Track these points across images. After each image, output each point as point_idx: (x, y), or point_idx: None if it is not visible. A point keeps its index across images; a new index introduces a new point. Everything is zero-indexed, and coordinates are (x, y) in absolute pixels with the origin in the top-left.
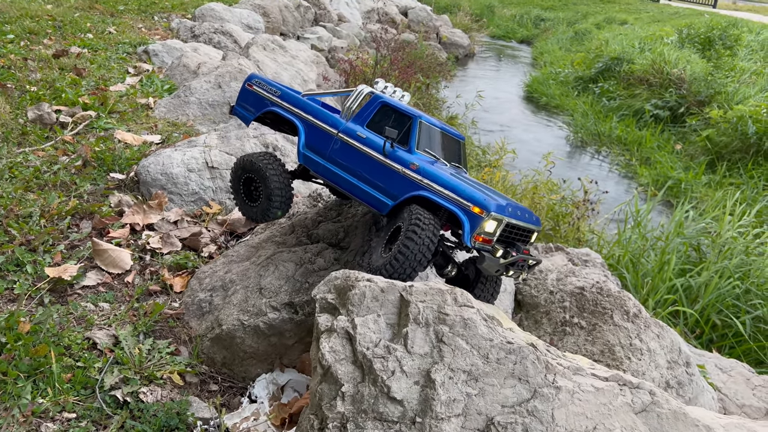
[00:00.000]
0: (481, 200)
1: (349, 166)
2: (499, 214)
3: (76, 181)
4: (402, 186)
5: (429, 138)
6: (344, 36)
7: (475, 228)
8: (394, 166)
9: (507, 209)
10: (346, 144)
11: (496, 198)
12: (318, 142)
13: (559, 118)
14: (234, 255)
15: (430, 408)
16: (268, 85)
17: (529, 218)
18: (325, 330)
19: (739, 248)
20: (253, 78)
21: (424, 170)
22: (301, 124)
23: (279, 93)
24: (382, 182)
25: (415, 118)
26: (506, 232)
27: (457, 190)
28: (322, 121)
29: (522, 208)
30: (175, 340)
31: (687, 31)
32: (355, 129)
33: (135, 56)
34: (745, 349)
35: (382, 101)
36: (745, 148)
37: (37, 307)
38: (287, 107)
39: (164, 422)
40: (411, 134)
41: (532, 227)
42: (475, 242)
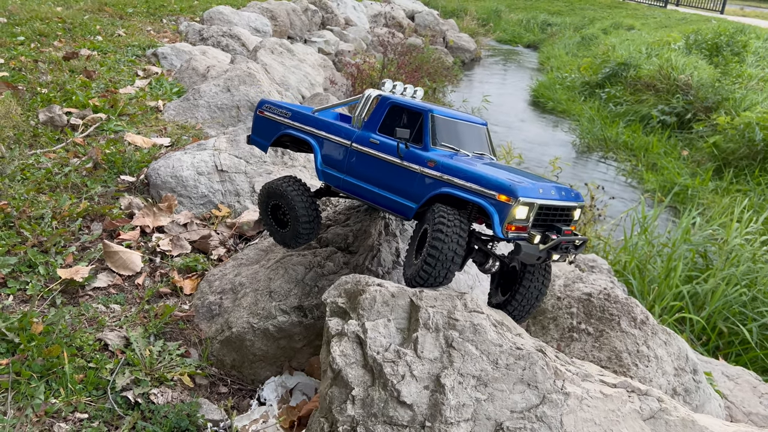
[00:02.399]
0: (506, 186)
1: (367, 175)
2: (528, 197)
3: (87, 183)
4: (423, 186)
5: (445, 131)
6: (351, 40)
7: (505, 217)
8: (412, 166)
9: (537, 190)
10: (361, 153)
11: (524, 180)
12: (334, 156)
13: (566, 123)
14: (243, 258)
15: (440, 413)
16: (278, 107)
17: (567, 195)
18: (335, 334)
19: (746, 255)
20: (263, 104)
21: (442, 165)
22: (315, 141)
23: (289, 114)
24: (403, 186)
25: (425, 112)
26: (542, 215)
27: (480, 179)
28: (334, 134)
29: (557, 186)
30: (185, 342)
31: (694, 37)
32: (367, 136)
33: (144, 59)
34: (751, 357)
35: (391, 102)
36: (752, 155)
37: (50, 308)
38: (299, 127)
39: (175, 423)
40: (424, 130)
41: (572, 204)
42: (508, 233)
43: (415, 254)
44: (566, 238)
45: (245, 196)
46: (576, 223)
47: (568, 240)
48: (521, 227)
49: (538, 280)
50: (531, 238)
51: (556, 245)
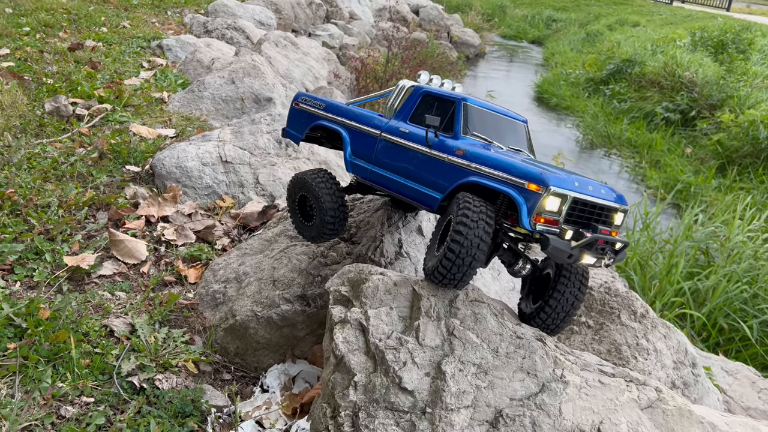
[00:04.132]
0: (536, 174)
1: (395, 165)
2: (561, 188)
3: (93, 173)
4: (449, 175)
5: (479, 121)
6: (355, 34)
7: (534, 207)
8: (439, 155)
9: (572, 183)
10: (390, 143)
11: (558, 172)
12: (363, 147)
13: (570, 120)
14: (247, 248)
15: (441, 399)
16: (313, 99)
17: (607, 195)
18: (338, 321)
19: (748, 252)
20: (299, 96)
21: (471, 153)
22: (346, 132)
23: (323, 105)
24: (429, 175)
25: (458, 101)
26: (577, 211)
27: (509, 167)
28: (365, 124)
29: (597, 183)
30: (190, 329)
31: (700, 34)
32: (397, 126)
33: (149, 51)
34: (751, 353)
35: (424, 91)
36: (756, 153)
37: (56, 295)
38: (332, 118)
39: (179, 408)
40: (455, 118)
41: (612, 204)
42: (536, 224)
43: (438, 246)
44: (603, 237)
45: (249, 187)
46: (618, 229)
47: (605, 240)
48: (552, 220)
49: (574, 286)
50: (562, 232)
51: (590, 243)
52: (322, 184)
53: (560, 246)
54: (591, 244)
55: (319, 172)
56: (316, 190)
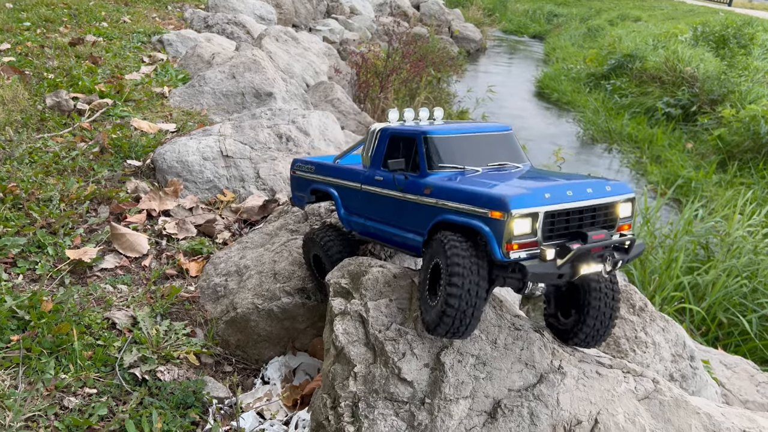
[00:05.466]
0: (496, 199)
1: (378, 215)
2: (525, 208)
3: (94, 167)
4: (424, 216)
5: (446, 150)
6: (356, 29)
7: (502, 236)
8: (411, 198)
9: (541, 196)
10: (370, 193)
11: (525, 187)
12: (352, 202)
13: (570, 115)
14: (248, 242)
15: (439, 390)
16: (305, 164)
17: (596, 192)
18: (338, 313)
19: (748, 247)
20: (295, 163)
21: (436, 189)
22: (335, 190)
23: (313, 168)
24: (408, 219)
25: (417, 136)
26: (559, 223)
27: (470, 196)
28: (348, 179)
29: (580, 184)
30: (191, 322)
31: (701, 29)
32: (372, 174)
33: (149, 45)
34: (750, 347)
35: (389, 132)
36: (757, 148)
37: (58, 288)
38: (322, 179)
39: (181, 399)
40: (419, 155)
41: (602, 201)
42: (509, 252)
43: (429, 295)
44: (596, 244)
45: (250, 182)
46: (628, 222)
47: (601, 245)
48: (528, 243)
49: (607, 295)
50: (542, 253)
51: (578, 255)
52: (330, 242)
53: (542, 270)
54: (582, 255)
55: (327, 230)
56: (324, 248)
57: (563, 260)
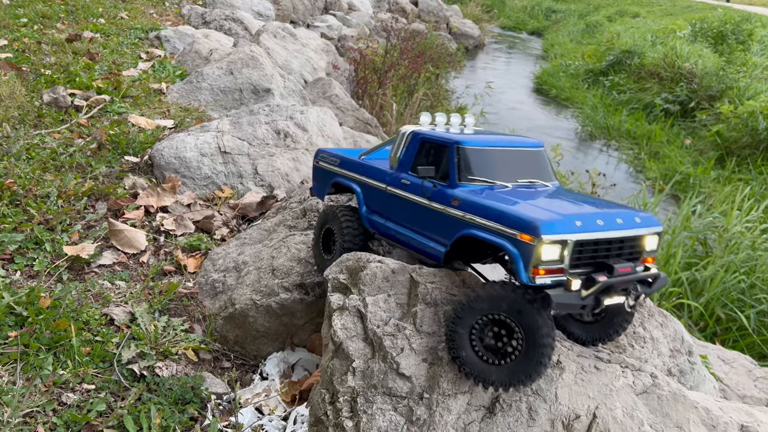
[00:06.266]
0: (526, 222)
1: (401, 218)
2: (556, 234)
3: (92, 164)
4: (449, 227)
5: (478, 162)
6: (354, 25)
7: (530, 260)
8: (437, 207)
9: (572, 223)
10: (394, 196)
11: (556, 213)
12: (374, 201)
13: (569, 111)
14: (246, 238)
15: (438, 385)
16: (330, 155)
17: (626, 222)
18: (337, 308)
19: (746, 243)
20: (319, 153)
21: (466, 203)
22: (359, 187)
23: (338, 161)
24: (432, 227)
25: (450, 145)
26: (587, 252)
27: (500, 216)
28: (374, 178)
29: (610, 213)
30: (189, 318)
31: (700, 25)
32: (399, 177)
33: (147, 42)
34: (748, 343)
35: (421, 137)
36: (755, 144)
37: (56, 284)
38: (345, 174)
39: (179, 395)
40: (450, 165)
41: (631, 233)
42: (535, 278)
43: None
44: (622, 278)
45: (248, 178)
46: (652, 255)
47: (626, 280)
48: (555, 270)
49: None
50: (568, 283)
51: (605, 289)
52: (347, 221)
53: (566, 300)
54: (610, 287)
55: (347, 210)
56: (340, 224)
57: (588, 292)
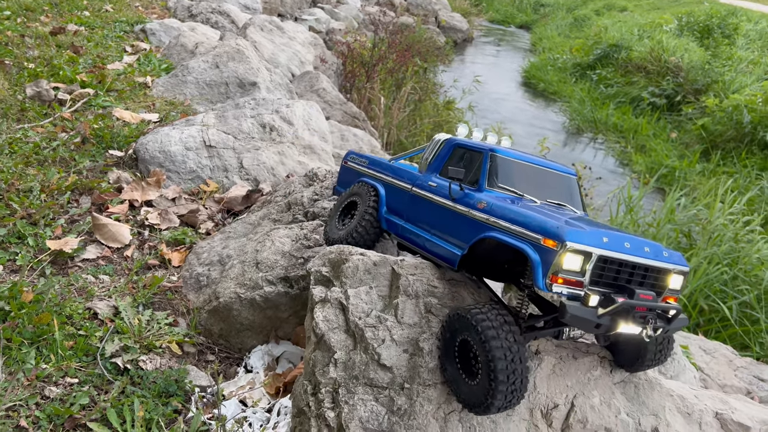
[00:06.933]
0: (552, 228)
1: (420, 219)
2: (581, 244)
3: (75, 158)
4: (470, 230)
5: (509, 173)
6: (342, 18)
7: (549, 266)
8: (461, 209)
9: (599, 238)
10: (418, 197)
11: (586, 227)
12: (396, 201)
13: (557, 105)
14: (231, 231)
15: (418, 375)
16: (360, 157)
17: (653, 253)
18: (319, 301)
19: (729, 235)
20: (349, 155)
21: (491, 207)
22: (382, 187)
23: (367, 162)
24: (451, 230)
25: (485, 152)
26: (610, 271)
27: (525, 220)
28: (399, 178)
29: (638, 240)
30: (174, 311)
31: (686, 19)
32: (427, 179)
33: (132, 35)
34: (730, 333)
35: (455, 143)
36: (739, 137)
37: (39, 278)
38: (372, 174)
39: (163, 388)
40: (482, 170)
41: (659, 264)
42: (552, 285)
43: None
44: (639, 303)
45: (233, 172)
46: (675, 294)
47: (647, 306)
48: (574, 282)
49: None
50: (586, 298)
51: (622, 310)
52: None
53: (581, 314)
54: (625, 311)
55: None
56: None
57: (605, 310)
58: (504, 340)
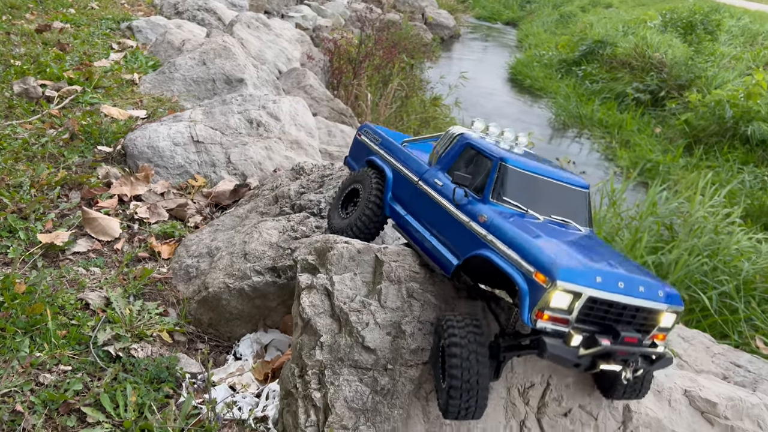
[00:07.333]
0: (545, 263)
1: (422, 216)
2: (572, 283)
3: (64, 154)
4: (467, 242)
5: (518, 185)
6: (329, 15)
7: (537, 302)
8: (463, 218)
9: (592, 278)
10: (423, 192)
11: (580, 262)
12: (402, 191)
13: (543, 101)
14: (219, 224)
15: (401, 356)
16: (373, 133)
17: (648, 292)
18: (305, 287)
19: (709, 227)
20: (363, 128)
21: (492, 223)
22: (391, 171)
23: (380, 140)
24: (450, 236)
25: (495, 160)
26: (598, 310)
27: (521, 248)
28: (408, 167)
29: (634, 278)
30: (164, 302)
31: (670, 15)
32: (434, 175)
33: (118, 32)
34: (710, 323)
35: (467, 142)
36: (721, 132)
37: (31, 271)
38: (383, 155)
39: (155, 375)
40: (489, 179)
41: (651, 305)
42: (537, 321)
43: (442, 376)
44: (625, 349)
45: (221, 167)
46: (665, 332)
47: (628, 351)
48: (559, 319)
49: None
50: (568, 338)
51: (604, 354)
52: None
53: (562, 353)
54: (609, 354)
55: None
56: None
57: (586, 352)
58: (465, 350)
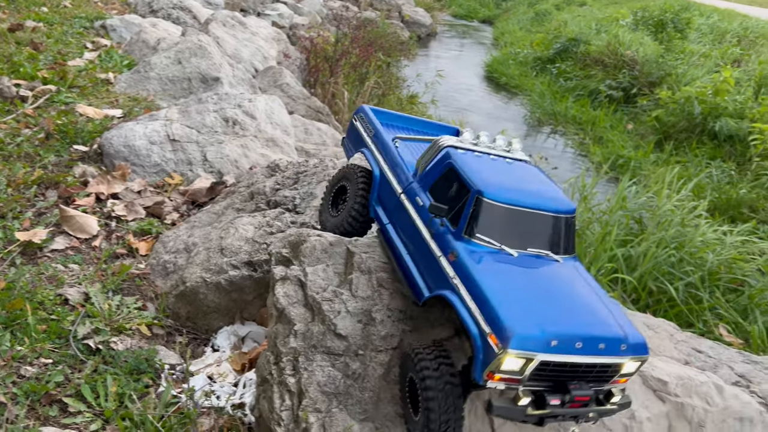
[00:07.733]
0: (500, 326)
1: (402, 232)
2: (525, 350)
3: (40, 153)
4: (436, 276)
5: (492, 220)
6: (306, 13)
7: (488, 364)
8: (435, 250)
9: (547, 341)
10: (404, 206)
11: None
12: (386, 197)
13: (518, 98)
14: (196, 221)
15: (371, 342)
16: (369, 122)
17: (610, 348)
18: (279, 278)
19: (676, 220)
20: (360, 111)
21: (459, 266)
22: (378, 172)
23: (372, 133)
24: (423, 265)
25: (473, 192)
26: (554, 371)
27: (484, 302)
28: (393, 172)
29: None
30: (142, 297)
31: (641, 14)
32: (416, 192)
33: (92, 31)
34: (676, 312)
35: (450, 161)
36: (690, 128)
37: (10, 268)
38: (372, 151)
39: (134, 366)
40: (464, 213)
41: (614, 360)
42: (487, 381)
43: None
44: (574, 412)
45: (197, 165)
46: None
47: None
48: (511, 379)
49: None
50: (516, 398)
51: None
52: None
53: (508, 413)
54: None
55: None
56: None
57: (534, 412)
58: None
